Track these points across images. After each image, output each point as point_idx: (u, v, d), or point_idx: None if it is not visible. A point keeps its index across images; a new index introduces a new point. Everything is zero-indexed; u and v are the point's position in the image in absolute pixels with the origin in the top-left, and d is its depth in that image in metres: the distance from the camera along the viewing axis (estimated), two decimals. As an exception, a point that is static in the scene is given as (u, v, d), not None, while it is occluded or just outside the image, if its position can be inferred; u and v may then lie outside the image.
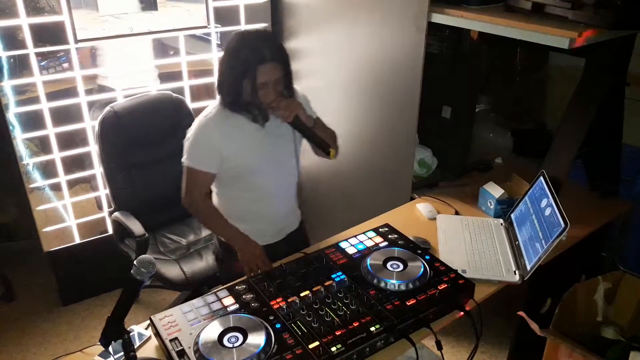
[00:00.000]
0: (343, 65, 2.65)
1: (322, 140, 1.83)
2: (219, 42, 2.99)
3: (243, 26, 2.96)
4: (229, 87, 1.75)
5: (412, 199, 2.44)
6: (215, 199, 1.99)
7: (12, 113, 2.52)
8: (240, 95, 1.75)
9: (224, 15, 2.93)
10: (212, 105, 1.85)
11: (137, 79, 2.86)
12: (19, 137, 2.56)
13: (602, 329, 2.10)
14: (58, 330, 2.82)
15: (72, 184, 2.83)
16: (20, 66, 2.52)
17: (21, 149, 2.59)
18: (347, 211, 2.88)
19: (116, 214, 2.48)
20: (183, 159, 1.84)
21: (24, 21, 2.38)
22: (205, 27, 2.78)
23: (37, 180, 2.70)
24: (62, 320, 2.89)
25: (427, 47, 2.18)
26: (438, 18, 2.13)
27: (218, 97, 1.84)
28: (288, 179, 2.00)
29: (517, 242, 2.02)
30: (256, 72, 1.68)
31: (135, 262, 1.38)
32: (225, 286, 1.71)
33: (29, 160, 2.63)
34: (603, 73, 2.16)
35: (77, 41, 2.47)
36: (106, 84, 2.87)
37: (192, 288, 2.49)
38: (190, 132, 1.83)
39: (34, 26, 2.42)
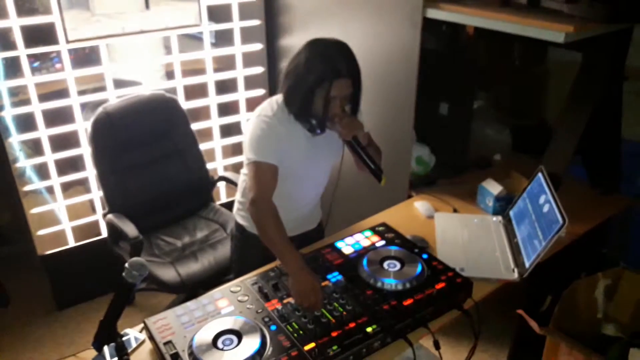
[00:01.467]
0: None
1: (376, 164, 1.80)
2: (213, 41, 2.97)
3: (236, 24, 2.93)
4: (300, 95, 1.72)
5: (409, 196, 2.42)
6: (243, 178, 1.96)
7: (4, 115, 2.48)
8: (309, 105, 1.73)
9: (217, 14, 2.91)
10: (269, 105, 1.82)
11: (147, 75, 2.85)
12: (12, 139, 2.53)
13: (602, 326, 2.09)
14: (53, 335, 2.80)
15: (66, 187, 2.80)
16: (12, 68, 2.50)
17: (14, 151, 2.56)
18: (343, 210, 2.85)
19: (110, 216, 2.45)
20: (248, 157, 1.77)
21: (14, 22, 2.35)
22: (197, 25, 2.76)
23: (31, 183, 2.67)
24: (58, 325, 2.87)
25: (423, 43, 2.16)
26: (433, 13, 2.11)
27: (277, 98, 1.83)
28: (316, 190, 2.03)
29: (515, 240, 2.00)
30: (331, 85, 1.68)
31: (126, 265, 1.37)
32: (219, 288, 1.69)
33: (21, 163, 2.60)
34: (600, 67, 2.14)
35: (68, 42, 2.45)
36: (123, 77, 2.86)
37: (188, 290, 2.46)
38: (252, 129, 1.78)
39: (25, 27, 2.39)
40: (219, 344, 1.45)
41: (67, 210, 2.78)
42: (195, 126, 2.77)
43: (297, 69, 1.72)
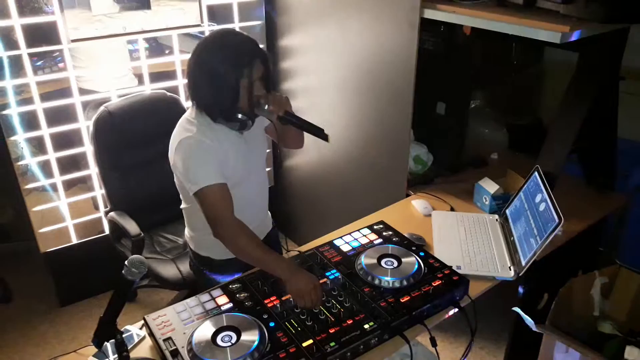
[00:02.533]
0: (336, 62, 2.65)
1: (317, 127, 1.76)
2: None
3: (237, 24, 2.95)
4: (226, 96, 1.65)
5: (407, 195, 2.44)
6: (187, 206, 1.90)
7: (7, 113, 2.51)
8: (237, 100, 1.66)
9: (218, 14, 2.92)
10: (184, 127, 1.73)
11: (116, 81, 2.84)
12: (15, 137, 2.55)
13: (598, 323, 2.10)
14: (56, 331, 2.83)
15: (68, 185, 2.82)
16: (14, 66, 2.52)
17: (17, 149, 2.58)
18: (341, 208, 2.88)
19: (112, 214, 2.48)
20: (192, 188, 1.67)
21: (16, 22, 2.37)
22: (199, 25, 2.77)
23: (33, 181, 2.70)
24: (60, 321, 2.89)
25: (421, 43, 2.17)
26: (430, 14, 2.12)
27: (186, 117, 1.76)
28: (263, 186, 1.99)
29: (512, 238, 2.01)
30: (252, 70, 1.63)
31: (126, 262, 1.39)
32: (219, 285, 1.71)
33: (24, 161, 2.63)
34: (596, 67, 2.15)
35: (70, 41, 2.47)
36: (86, 87, 2.85)
37: (189, 287, 2.48)
38: (182, 159, 1.69)
39: (27, 26, 2.41)
40: (218, 341, 1.46)
41: (69, 207, 2.80)
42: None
43: (210, 75, 1.64)
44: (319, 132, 1.76)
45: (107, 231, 2.78)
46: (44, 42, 2.51)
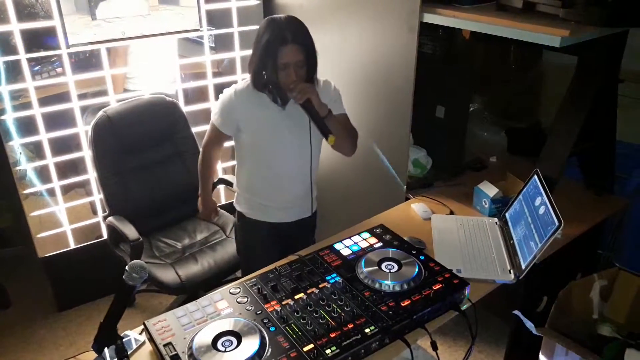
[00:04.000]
0: (336, 66, 2.65)
1: (325, 126, 1.89)
2: (212, 45, 2.98)
3: (236, 29, 2.95)
4: (255, 66, 1.89)
5: (407, 199, 2.44)
6: (236, 167, 2.17)
7: (5, 118, 2.50)
8: (262, 75, 1.89)
9: (217, 18, 2.93)
10: (243, 80, 2.01)
11: (160, 79, 2.87)
12: (13, 142, 2.55)
13: (598, 326, 2.10)
14: (54, 337, 2.81)
15: (66, 189, 2.82)
16: (13, 72, 2.52)
17: (15, 154, 2.58)
18: (341, 212, 2.87)
19: (110, 218, 2.47)
20: (212, 114, 2.07)
21: (15, 27, 2.37)
22: (198, 30, 2.78)
23: (31, 186, 2.69)
24: (58, 326, 2.88)
25: (420, 47, 2.18)
26: (430, 18, 2.13)
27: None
28: (301, 164, 2.08)
29: (511, 241, 2.01)
30: (277, 52, 1.80)
31: (127, 267, 1.38)
32: (218, 290, 1.71)
33: (22, 166, 2.62)
34: (595, 70, 2.16)
35: (68, 46, 2.47)
36: (131, 88, 2.88)
37: (188, 292, 2.48)
38: (223, 96, 2.01)
39: (26, 31, 2.41)
40: (219, 346, 1.46)
41: (67, 212, 2.80)
42: (195, 129, 2.79)
43: (254, 46, 1.88)
44: (324, 131, 1.90)
45: (105, 236, 2.78)
46: (41, 47, 2.51)
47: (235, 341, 1.47)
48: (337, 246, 1.91)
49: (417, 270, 1.74)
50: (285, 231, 2.17)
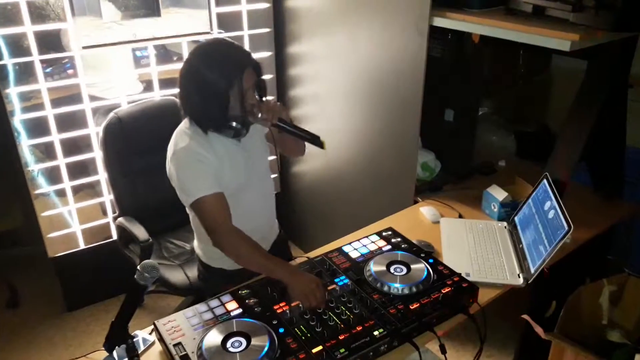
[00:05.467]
0: (345, 70, 2.66)
1: (312, 134, 1.73)
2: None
3: (246, 32, 2.97)
4: (216, 106, 1.65)
5: (415, 202, 2.44)
6: (198, 226, 1.86)
7: (18, 119, 2.53)
8: (226, 109, 1.66)
9: (227, 21, 2.94)
10: (179, 138, 1.74)
11: (122, 87, 2.85)
12: (24, 143, 2.57)
13: (607, 332, 2.09)
14: (63, 337, 2.83)
15: (76, 190, 2.83)
16: (25, 73, 2.54)
17: (26, 155, 2.60)
18: (350, 215, 2.88)
19: (120, 219, 2.48)
20: (188, 200, 1.70)
21: (28, 28, 2.39)
22: (208, 32, 2.79)
23: (42, 187, 2.71)
24: (67, 326, 2.90)
25: (429, 51, 2.18)
26: (439, 22, 2.13)
27: (181, 128, 1.77)
28: (268, 193, 1.98)
29: (520, 245, 2.01)
30: (242, 79, 1.64)
31: (138, 267, 1.39)
32: (228, 291, 1.71)
33: (34, 167, 2.64)
34: (605, 75, 2.16)
35: (81, 48, 2.49)
36: (94, 94, 2.86)
37: (196, 293, 2.48)
38: (177, 170, 1.71)
39: (38, 33, 2.44)
40: (228, 346, 1.46)
41: (77, 213, 2.82)
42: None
43: (200, 84, 1.65)
44: (313, 139, 1.73)
45: (114, 236, 2.79)
46: (52, 49, 2.53)
47: (244, 342, 1.48)
48: (346, 249, 1.92)
49: (425, 273, 1.74)
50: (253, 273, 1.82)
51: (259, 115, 1.70)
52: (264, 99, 1.75)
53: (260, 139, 1.92)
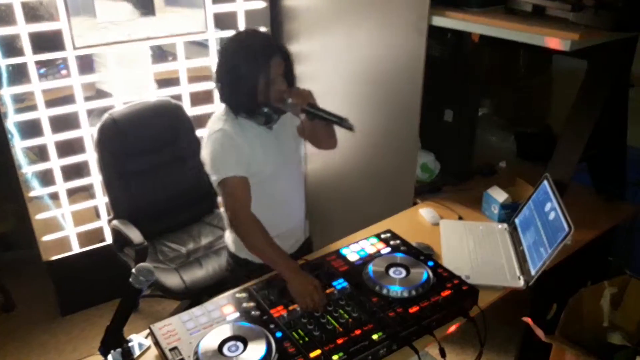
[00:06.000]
0: (343, 69, 2.64)
1: (340, 117, 1.78)
2: (219, 48, 2.98)
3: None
4: (245, 92, 1.73)
5: (414, 204, 2.42)
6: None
7: (11, 121, 2.50)
8: (255, 95, 1.73)
9: (223, 21, 2.92)
10: (215, 120, 1.81)
11: (135, 85, 2.84)
12: (18, 145, 2.55)
13: (608, 334, 2.08)
14: (57, 341, 2.80)
15: (71, 192, 2.81)
16: (18, 74, 2.51)
17: (20, 157, 2.57)
18: (348, 217, 2.86)
19: (115, 222, 2.46)
20: (214, 179, 1.75)
21: (22, 29, 2.37)
22: (203, 32, 2.77)
23: (36, 189, 2.68)
24: (61, 331, 2.87)
25: (428, 50, 2.16)
26: (439, 21, 2.12)
27: (218, 112, 1.83)
28: (298, 183, 2.01)
29: (521, 247, 1.99)
30: (269, 67, 1.71)
31: (133, 271, 1.38)
32: (224, 294, 1.69)
33: (27, 169, 2.61)
34: (605, 75, 2.14)
35: (75, 48, 2.46)
36: (103, 88, 2.86)
37: (192, 297, 2.46)
38: (209, 150, 1.77)
39: (32, 34, 2.41)
40: (225, 350, 1.44)
41: (72, 216, 2.79)
42: (200, 132, 2.78)
43: (230, 72, 1.73)
44: (342, 122, 1.77)
45: (109, 240, 2.77)
46: (46, 50, 2.50)
47: (241, 346, 1.46)
48: (344, 251, 1.89)
49: (425, 276, 1.72)
50: None
51: (289, 100, 1.75)
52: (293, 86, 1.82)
53: (293, 132, 1.95)
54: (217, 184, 1.75)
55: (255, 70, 1.70)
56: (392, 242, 1.94)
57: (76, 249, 2.86)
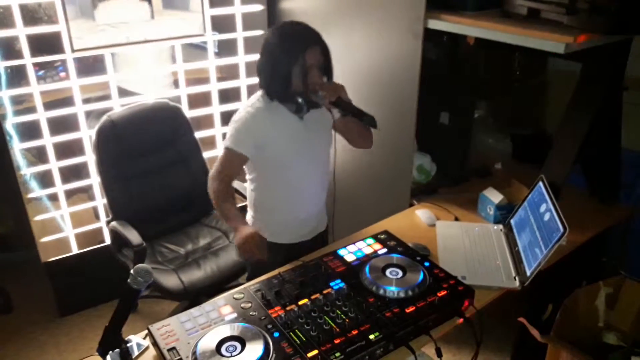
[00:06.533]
0: (340, 72, 2.62)
1: (367, 113, 1.84)
2: (216, 50, 2.99)
3: (240, 34, 2.96)
4: (280, 78, 1.82)
5: (411, 205, 2.43)
6: (250, 187, 2.06)
7: (10, 123, 2.51)
8: (289, 83, 1.81)
9: (221, 23, 2.93)
10: (253, 98, 1.94)
11: (155, 83, 2.88)
12: (16, 147, 2.55)
13: (603, 334, 2.09)
14: (56, 342, 2.80)
15: (69, 194, 2.81)
16: (17, 76, 2.52)
17: (18, 159, 2.58)
18: (345, 218, 2.86)
19: (113, 223, 2.47)
20: (225, 141, 1.92)
21: (20, 31, 2.38)
22: (201, 35, 2.78)
23: (35, 190, 2.69)
24: (60, 332, 2.87)
25: (424, 53, 2.18)
26: (435, 24, 2.13)
27: (258, 94, 1.93)
28: (321, 177, 2.07)
29: (516, 248, 2.01)
30: (305, 55, 1.78)
31: (132, 272, 1.38)
32: (222, 295, 1.70)
33: (26, 170, 2.62)
34: (600, 77, 2.16)
35: (73, 51, 2.47)
36: (127, 87, 2.88)
37: (191, 298, 2.47)
38: (237, 118, 1.91)
39: (30, 36, 2.42)
40: (223, 351, 1.45)
41: (70, 217, 2.80)
42: (198, 134, 2.79)
43: (269, 58, 1.83)
44: (368, 119, 1.83)
45: (107, 241, 2.77)
46: (45, 52, 2.52)
47: (239, 346, 1.46)
48: (341, 252, 1.91)
49: (421, 276, 1.73)
50: (300, 252, 1.99)
51: (319, 92, 1.82)
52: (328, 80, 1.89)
53: (325, 129, 2.02)
54: (225, 145, 1.90)
55: (290, 58, 1.78)
56: (388, 243, 1.95)
57: (75, 250, 2.87)
